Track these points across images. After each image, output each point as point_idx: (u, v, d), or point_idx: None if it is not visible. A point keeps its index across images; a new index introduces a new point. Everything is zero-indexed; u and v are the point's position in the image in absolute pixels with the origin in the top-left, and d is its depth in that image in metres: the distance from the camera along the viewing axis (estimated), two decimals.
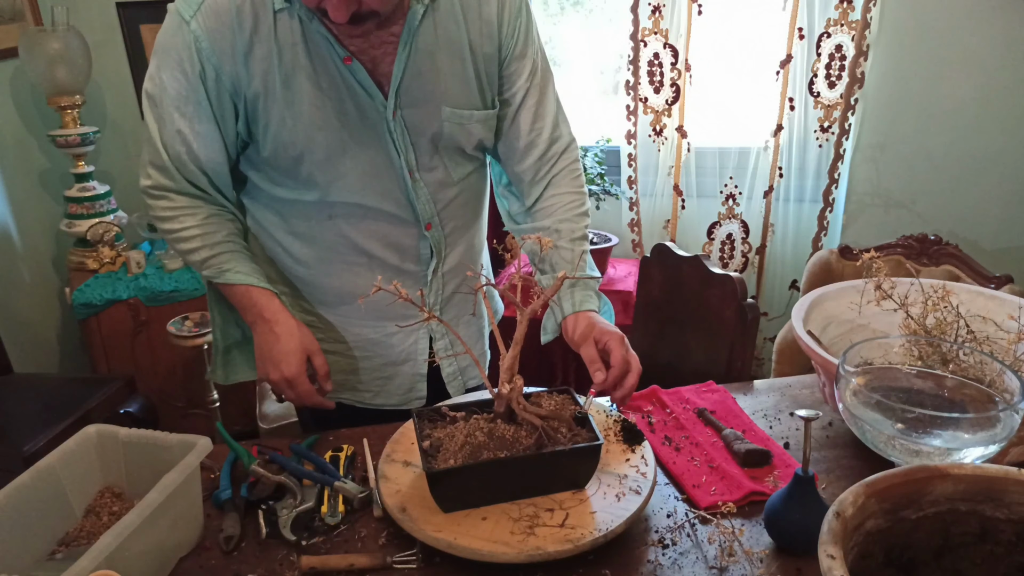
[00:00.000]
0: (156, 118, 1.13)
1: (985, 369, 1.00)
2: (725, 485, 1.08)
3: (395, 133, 1.14)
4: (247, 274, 1.19)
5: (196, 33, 1.05)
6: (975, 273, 2.15)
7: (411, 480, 1.03)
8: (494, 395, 1.03)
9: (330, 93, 1.10)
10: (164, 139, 1.13)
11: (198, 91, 1.09)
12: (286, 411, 2.36)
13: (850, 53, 2.41)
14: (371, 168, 1.16)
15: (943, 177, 2.56)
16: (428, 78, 1.13)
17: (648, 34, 2.53)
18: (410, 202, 1.21)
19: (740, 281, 1.58)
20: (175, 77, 1.09)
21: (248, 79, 1.08)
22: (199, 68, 1.07)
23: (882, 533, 0.68)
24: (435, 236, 1.25)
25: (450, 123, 1.17)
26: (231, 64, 1.07)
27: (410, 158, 1.17)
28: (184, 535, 0.99)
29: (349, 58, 1.07)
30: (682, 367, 1.76)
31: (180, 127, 1.12)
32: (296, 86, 1.09)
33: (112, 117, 2.92)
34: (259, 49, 1.06)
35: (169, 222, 1.19)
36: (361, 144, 1.14)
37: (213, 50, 1.06)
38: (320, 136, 1.12)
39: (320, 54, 1.08)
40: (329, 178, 1.16)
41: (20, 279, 2.65)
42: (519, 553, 0.90)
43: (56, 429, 1.97)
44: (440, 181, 1.22)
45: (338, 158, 1.14)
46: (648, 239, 2.79)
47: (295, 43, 1.07)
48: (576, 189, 1.29)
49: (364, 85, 1.10)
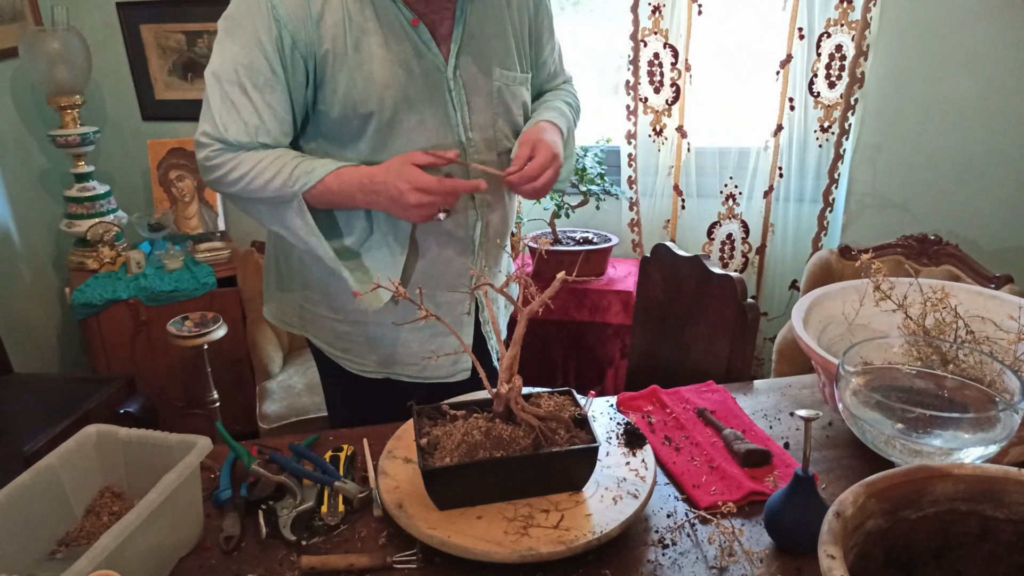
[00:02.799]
0: (221, 93, 1.15)
1: (985, 369, 1.00)
2: (725, 485, 1.08)
3: (453, 92, 1.23)
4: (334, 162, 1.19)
5: (273, 2, 1.10)
6: (975, 273, 2.15)
7: (410, 477, 1.03)
8: (493, 395, 1.03)
9: (398, 53, 1.17)
10: (225, 117, 1.15)
11: (273, 61, 1.13)
12: (286, 411, 2.36)
13: (850, 53, 2.41)
14: (431, 125, 1.23)
15: (943, 177, 2.55)
16: (480, 41, 1.23)
17: (648, 34, 2.53)
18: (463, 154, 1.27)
19: (740, 281, 1.57)
20: (250, 48, 1.12)
21: (319, 44, 1.14)
22: (276, 35, 1.12)
23: (882, 533, 0.68)
24: (480, 198, 1.30)
25: (500, 83, 1.27)
26: (305, 30, 1.13)
27: (464, 115, 1.25)
28: (184, 535, 0.99)
29: (416, 20, 1.16)
30: (682, 367, 1.76)
31: (253, 98, 1.14)
32: (365, 48, 1.15)
33: (112, 117, 2.92)
34: (330, 15, 1.13)
35: (238, 169, 1.16)
36: (423, 101, 1.21)
37: (290, 17, 1.11)
38: (388, 94, 1.18)
39: (388, 18, 1.15)
40: (394, 134, 1.21)
41: (20, 279, 2.65)
42: (512, 553, 0.90)
43: (56, 429, 1.98)
44: (488, 142, 1.29)
45: (404, 114, 1.21)
46: (648, 239, 2.79)
47: (363, 7, 1.14)
48: (568, 90, 1.49)
49: (428, 46, 1.19)
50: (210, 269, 2.64)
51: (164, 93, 2.88)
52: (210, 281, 2.60)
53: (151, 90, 2.88)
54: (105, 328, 2.57)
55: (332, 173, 1.17)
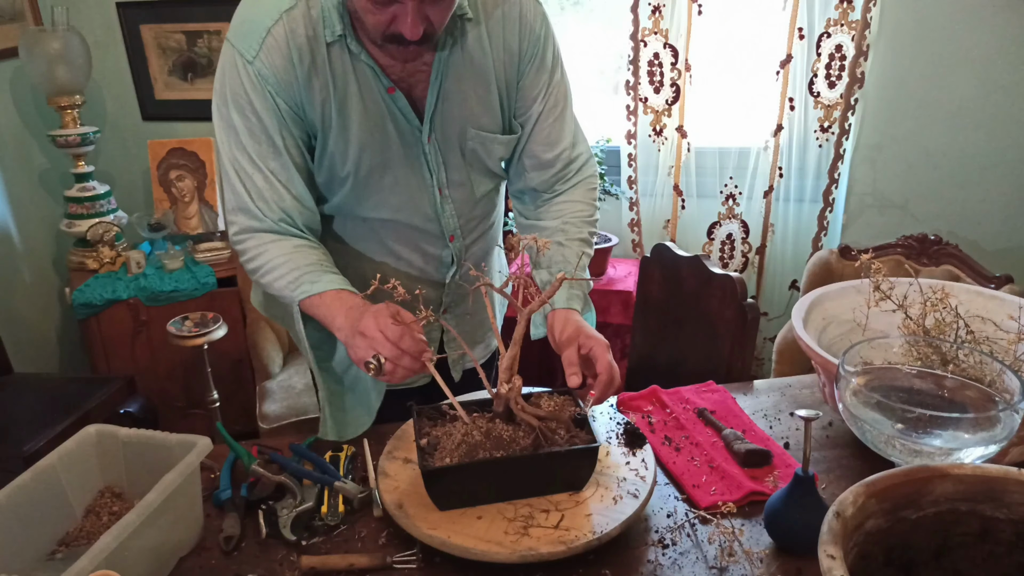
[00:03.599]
0: (231, 161, 1.14)
1: (985, 369, 1.00)
2: (725, 485, 1.08)
3: (429, 155, 1.21)
4: (342, 282, 1.16)
5: (262, 72, 1.08)
6: (975, 273, 2.15)
7: (410, 477, 1.03)
8: (493, 395, 1.03)
9: (376, 119, 1.16)
10: (244, 181, 1.14)
11: (270, 127, 1.12)
12: (286, 411, 2.36)
13: (850, 53, 2.41)
14: (406, 185, 1.22)
15: (943, 177, 2.55)
16: (456, 102, 1.19)
17: (648, 34, 2.53)
18: (437, 216, 1.26)
19: (740, 281, 1.57)
20: (246, 117, 1.11)
21: (310, 107, 1.13)
22: (271, 103, 1.10)
23: (882, 533, 0.68)
24: (456, 247, 1.31)
25: (474, 143, 1.23)
26: (296, 94, 1.11)
27: (441, 177, 1.24)
28: (184, 535, 0.99)
29: (393, 88, 1.14)
30: (682, 367, 1.76)
31: (261, 165, 1.14)
32: (347, 112, 1.14)
33: (112, 117, 2.92)
34: (316, 80, 1.11)
35: (257, 259, 1.17)
36: (400, 164, 1.20)
37: (279, 83, 1.09)
38: (365, 156, 1.17)
39: (367, 83, 1.13)
40: (369, 193, 1.21)
41: (20, 279, 2.65)
42: (512, 553, 0.90)
43: (56, 429, 1.98)
44: (464, 198, 1.28)
45: (379, 176, 1.20)
46: (648, 239, 2.79)
47: (346, 72, 1.12)
48: (588, 200, 1.32)
49: (404, 112, 1.16)
50: (210, 269, 2.64)
51: (164, 93, 2.88)
52: (210, 281, 2.60)
53: (151, 90, 2.88)
54: (105, 328, 2.57)
55: (334, 291, 1.14)
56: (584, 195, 1.32)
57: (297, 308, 1.15)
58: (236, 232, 1.18)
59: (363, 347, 1.04)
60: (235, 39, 1.09)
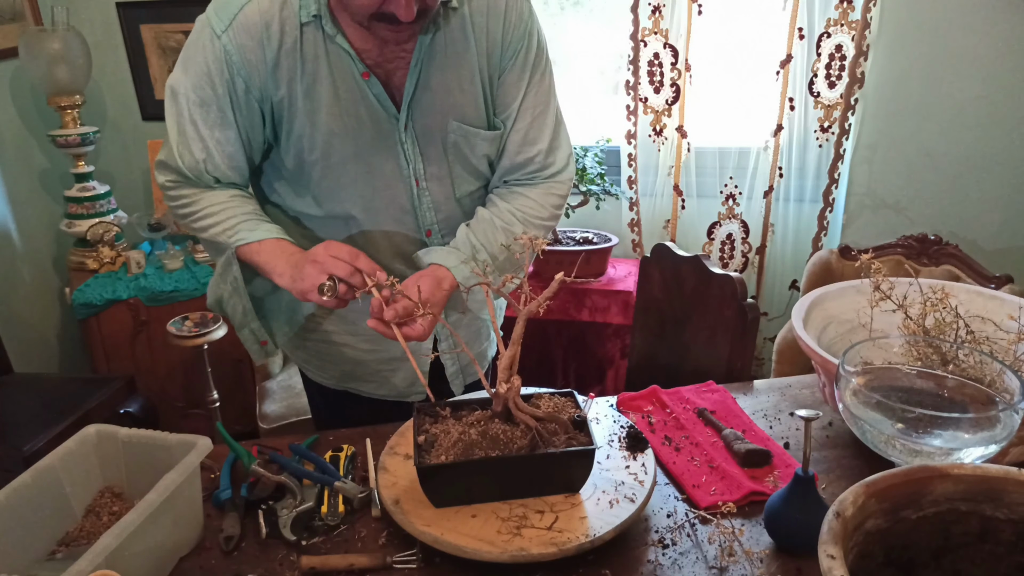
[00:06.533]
0: (177, 121, 1.16)
1: (985, 369, 1.00)
2: (725, 485, 1.08)
3: (405, 144, 1.18)
4: (280, 231, 1.18)
5: (227, 48, 1.08)
6: (975, 273, 2.15)
7: (409, 474, 1.04)
8: (491, 394, 1.03)
9: (347, 104, 1.13)
10: (180, 146, 1.16)
11: (223, 101, 1.12)
12: (286, 411, 2.36)
13: (850, 53, 2.41)
14: (380, 174, 1.20)
15: (943, 177, 2.55)
16: (437, 92, 1.16)
17: (648, 34, 2.53)
18: (413, 208, 1.23)
19: (740, 281, 1.57)
20: (201, 86, 1.11)
21: (275, 88, 1.12)
22: (228, 79, 1.10)
23: (882, 533, 0.68)
24: (434, 243, 1.27)
25: (456, 136, 1.20)
26: (259, 76, 1.11)
27: (418, 167, 1.21)
28: (184, 535, 0.99)
29: (367, 73, 1.12)
30: (682, 367, 1.76)
31: (203, 134, 1.14)
32: (316, 96, 1.12)
33: (112, 117, 2.92)
34: (285, 62, 1.10)
35: (192, 205, 1.19)
36: (373, 151, 1.18)
37: (243, 63, 1.09)
38: (336, 141, 1.15)
39: (340, 67, 1.11)
40: (342, 183, 1.19)
41: (20, 279, 2.65)
42: (502, 553, 0.90)
43: (56, 429, 1.98)
44: (444, 193, 1.25)
45: (351, 164, 1.18)
46: (648, 239, 2.79)
47: (317, 56, 1.10)
48: (544, 202, 1.26)
49: (379, 99, 1.14)
50: (210, 269, 2.64)
51: (164, 93, 2.88)
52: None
53: (151, 90, 2.88)
54: (105, 328, 2.57)
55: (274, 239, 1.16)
56: (543, 197, 1.26)
57: (233, 253, 1.17)
58: (168, 181, 1.19)
59: (314, 273, 1.07)
60: (211, 8, 1.10)
